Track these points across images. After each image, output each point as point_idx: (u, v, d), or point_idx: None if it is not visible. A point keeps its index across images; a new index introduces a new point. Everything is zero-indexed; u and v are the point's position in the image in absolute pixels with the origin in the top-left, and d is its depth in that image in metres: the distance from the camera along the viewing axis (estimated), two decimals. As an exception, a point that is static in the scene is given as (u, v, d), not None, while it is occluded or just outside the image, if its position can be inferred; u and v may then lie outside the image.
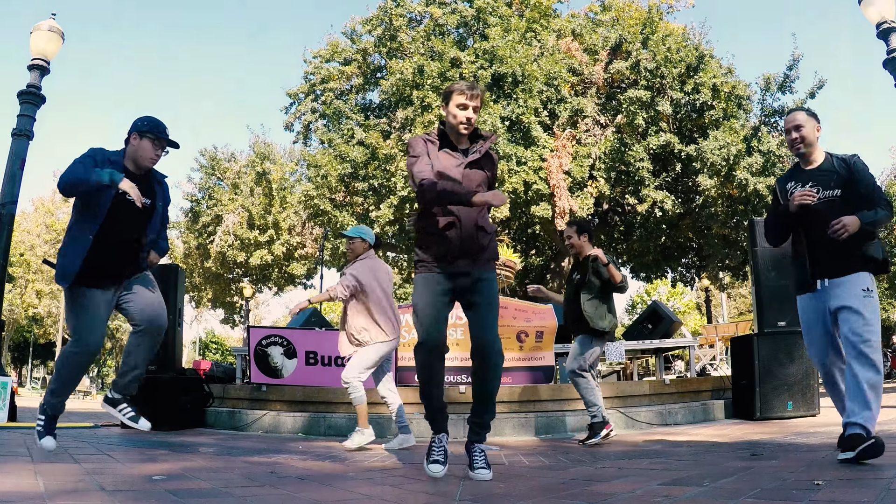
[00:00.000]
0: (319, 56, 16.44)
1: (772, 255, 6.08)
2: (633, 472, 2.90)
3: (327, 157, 14.59)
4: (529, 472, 3.13)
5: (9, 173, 6.87)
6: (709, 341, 16.38)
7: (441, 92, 13.77)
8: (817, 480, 2.30)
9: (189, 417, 6.30)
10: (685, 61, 12.91)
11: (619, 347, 7.78)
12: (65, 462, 3.20)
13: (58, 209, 33.76)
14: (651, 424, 5.82)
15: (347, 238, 4.79)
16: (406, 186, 13.05)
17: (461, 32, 15.60)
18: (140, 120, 3.39)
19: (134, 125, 3.38)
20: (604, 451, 4.09)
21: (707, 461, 3.22)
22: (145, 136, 3.34)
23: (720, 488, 2.32)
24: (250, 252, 21.22)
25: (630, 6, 14.98)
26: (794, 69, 13.14)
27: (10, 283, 28.50)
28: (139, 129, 3.35)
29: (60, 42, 7.18)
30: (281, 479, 2.81)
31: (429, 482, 2.79)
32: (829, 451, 3.34)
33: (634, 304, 41.21)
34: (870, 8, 6.47)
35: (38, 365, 43.74)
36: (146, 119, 3.39)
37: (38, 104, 7.08)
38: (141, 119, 3.39)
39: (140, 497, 2.26)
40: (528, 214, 13.70)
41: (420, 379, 3.03)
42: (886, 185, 25.94)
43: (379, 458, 3.83)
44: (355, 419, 4.59)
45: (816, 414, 5.83)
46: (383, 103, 15.76)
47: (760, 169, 12.52)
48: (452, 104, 3.03)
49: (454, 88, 3.06)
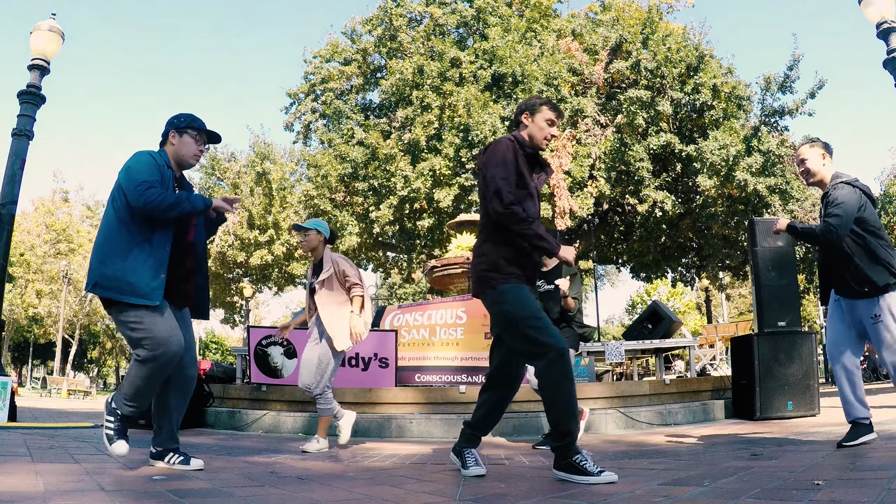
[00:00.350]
0: (319, 56, 16.45)
1: (772, 255, 6.07)
2: (633, 472, 2.90)
3: (327, 157, 14.60)
4: (529, 472, 3.12)
5: (9, 173, 6.87)
6: (709, 341, 16.39)
7: (440, 92, 13.50)
8: (817, 480, 2.30)
9: (189, 417, 6.29)
10: (685, 61, 12.92)
11: (619, 347, 7.79)
12: (65, 462, 3.20)
13: (58, 209, 33.80)
14: (651, 424, 5.82)
15: (303, 230, 4.56)
16: (406, 187, 13.05)
17: (461, 32, 15.61)
18: (176, 117, 3.17)
19: (171, 123, 3.15)
20: (604, 450, 4.09)
21: (707, 461, 3.22)
22: (185, 132, 3.13)
23: (720, 488, 2.32)
24: (250, 252, 21.24)
25: (630, 6, 14.98)
26: (795, 69, 13.14)
27: (10, 283, 28.51)
28: (178, 126, 3.12)
29: (60, 42, 7.18)
30: (281, 479, 2.81)
31: (429, 482, 2.79)
32: (829, 451, 3.34)
33: (634, 304, 41.23)
34: (870, 8, 6.46)
35: (37, 365, 43.74)
36: (183, 115, 3.18)
37: (38, 104, 7.08)
38: (177, 116, 3.17)
39: (140, 497, 2.26)
40: (528, 214, 13.70)
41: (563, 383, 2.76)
42: (886, 185, 25.93)
43: (379, 458, 3.83)
44: (355, 419, 4.57)
45: (816, 414, 5.83)
46: (383, 103, 15.76)
47: (760, 169, 12.52)
48: (541, 117, 2.98)
49: (545, 102, 3.01)
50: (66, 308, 32.14)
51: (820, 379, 7.10)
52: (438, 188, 13.04)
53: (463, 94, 12.89)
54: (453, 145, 12.93)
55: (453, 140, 12.93)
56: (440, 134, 13.34)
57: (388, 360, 6.59)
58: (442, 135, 13.25)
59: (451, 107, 13.10)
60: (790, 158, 13.71)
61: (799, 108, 13.24)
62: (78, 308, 34.34)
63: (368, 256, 18.46)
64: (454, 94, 12.99)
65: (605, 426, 5.66)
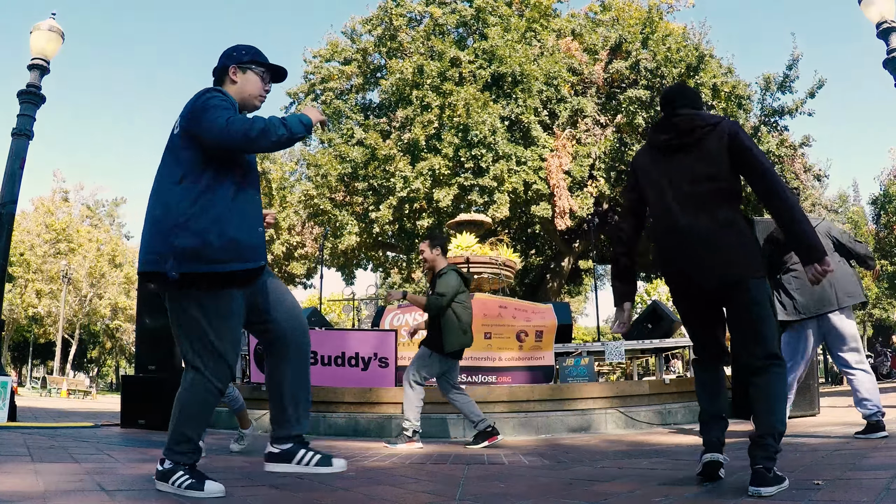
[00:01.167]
0: (319, 56, 16.45)
1: (770, 255, 6.05)
2: (633, 472, 2.90)
3: (327, 157, 14.60)
4: (529, 472, 3.12)
5: (9, 173, 6.86)
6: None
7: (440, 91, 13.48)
8: (817, 480, 2.30)
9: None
10: (685, 61, 12.92)
11: (619, 347, 7.78)
12: (65, 462, 3.20)
13: (58, 209, 33.79)
14: (651, 424, 5.82)
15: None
16: (405, 187, 13.05)
17: (461, 32, 15.61)
18: (236, 49, 2.62)
19: (230, 56, 2.60)
20: (604, 451, 4.09)
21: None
22: (249, 68, 2.59)
23: (720, 488, 2.32)
24: (250, 252, 21.21)
25: (630, 6, 14.99)
26: (794, 69, 13.15)
27: (9, 283, 28.50)
28: (240, 61, 2.58)
29: (60, 42, 7.18)
30: (280, 479, 2.81)
31: (429, 482, 2.79)
32: (828, 451, 3.34)
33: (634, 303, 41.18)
34: (870, 8, 6.46)
35: (37, 364, 43.72)
36: (244, 48, 2.62)
37: (38, 104, 7.08)
38: (236, 48, 2.62)
39: (140, 497, 2.26)
40: (528, 214, 13.70)
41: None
42: (886, 185, 25.93)
43: (379, 458, 3.83)
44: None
45: (816, 414, 5.82)
46: (383, 103, 15.77)
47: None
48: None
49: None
50: (65, 308, 32.13)
51: (819, 379, 7.09)
52: (438, 188, 13.03)
53: (462, 94, 12.89)
54: (452, 145, 12.93)
55: (453, 140, 12.93)
56: (440, 134, 13.34)
57: (388, 360, 6.59)
58: (441, 134, 13.26)
59: (450, 106, 13.10)
60: (790, 158, 13.72)
61: (798, 107, 13.25)
62: (78, 308, 34.33)
63: (368, 256, 18.46)
64: (454, 94, 12.99)
65: (605, 426, 5.66)
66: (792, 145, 13.88)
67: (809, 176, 14.66)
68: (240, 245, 2.31)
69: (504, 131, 13.11)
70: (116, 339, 39.69)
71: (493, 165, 12.73)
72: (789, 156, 13.69)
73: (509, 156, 12.90)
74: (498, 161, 12.82)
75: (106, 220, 37.80)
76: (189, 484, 2.25)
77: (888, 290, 26.95)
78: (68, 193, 35.61)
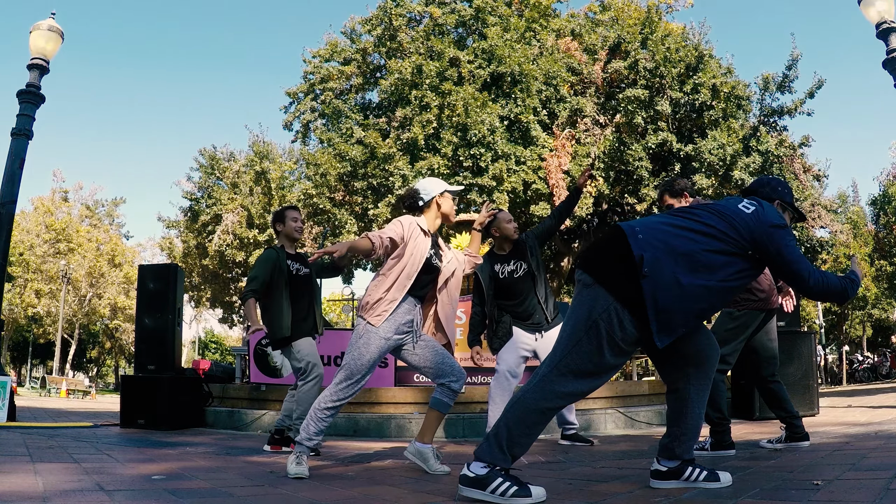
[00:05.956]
0: (319, 56, 16.44)
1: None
2: (633, 472, 2.90)
3: (326, 156, 14.59)
4: (529, 471, 3.12)
5: (8, 173, 6.86)
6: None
7: (439, 91, 13.46)
8: (817, 480, 2.30)
9: (188, 417, 6.30)
10: (684, 61, 12.91)
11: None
12: (65, 462, 3.20)
13: (57, 209, 33.79)
14: (651, 424, 5.82)
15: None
16: (404, 186, 13.05)
17: (460, 32, 15.60)
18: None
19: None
20: (604, 451, 4.09)
21: (706, 461, 3.22)
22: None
23: (720, 488, 2.32)
24: (249, 251, 21.23)
25: (629, 6, 14.99)
26: (794, 69, 13.14)
27: (9, 283, 28.49)
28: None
29: (60, 41, 7.18)
30: (281, 479, 2.81)
31: (429, 482, 2.79)
32: (828, 451, 3.34)
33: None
34: (870, 8, 6.46)
35: (37, 364, 43.71)
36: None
37: (37, 103, 7.07)
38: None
39: (140, 497, 2.26)
40: (528, 214, 13.70)
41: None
42: (886, 185, 25.95)
43: (378, 458, 3.83)
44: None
45: (816, 414, 5.83)
46: (382, 103, 15.77)
47: (759, 169, 12.51)
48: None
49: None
50: (65, 308, 32.11)
51: (818, 379, 7.10)
52: (437, 187, 13.02)
53: (461, 94, 12.88)
54: (451, 144, 12.93)
55: (451, 139, 12.93)
56: (439, 133, 13.34)
57: (387, 360, 6.58)
58: (440, 134, 13.25)
59: (449, 106, 13.09)
60: (789, 158, 13.72)
61: (798, 107, 13.24)
62: (77, 308, 34.32)
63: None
64: (453, 94, 12.99)
65: (605, 426, 5.66)
66: (791, 145, 13.87)
67: (809, 176, 14.64)
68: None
69: (503, 131, 13.11)
70: (116, 338, 39.68)
71: (492, 165, 12.73)
72: (788, 156, 13.68)
73: (508, 155, 12.90)
74: (497, 160, 12.82)
75: (105, 220, 37.74)
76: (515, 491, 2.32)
77: (888, 290, 26.97)
78: (68, 193, 35.59)
